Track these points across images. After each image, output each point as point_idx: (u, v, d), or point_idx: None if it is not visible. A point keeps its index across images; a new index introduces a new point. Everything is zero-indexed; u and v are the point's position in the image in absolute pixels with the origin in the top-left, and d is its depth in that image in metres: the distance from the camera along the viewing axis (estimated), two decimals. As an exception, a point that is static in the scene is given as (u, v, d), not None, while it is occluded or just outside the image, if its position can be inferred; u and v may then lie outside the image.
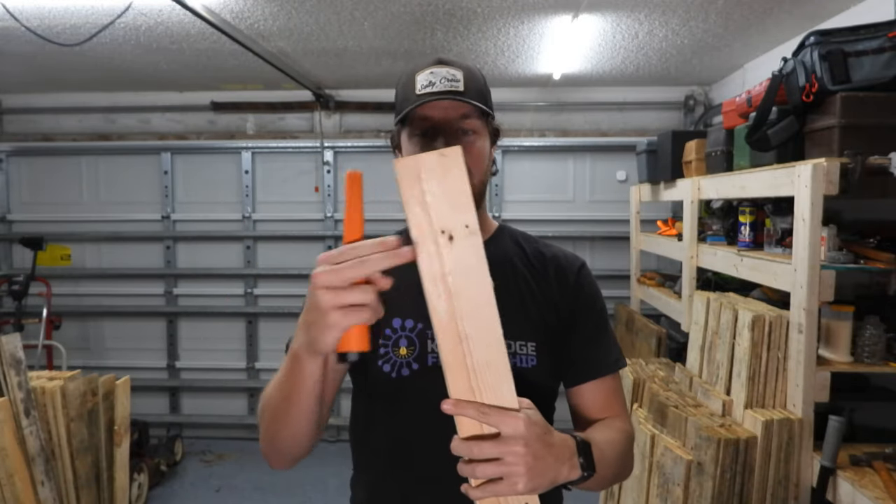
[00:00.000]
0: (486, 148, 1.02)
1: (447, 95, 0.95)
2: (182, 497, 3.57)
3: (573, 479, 0.78)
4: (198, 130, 4.41)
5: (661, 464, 1.92)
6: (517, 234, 1.14)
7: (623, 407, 1.07)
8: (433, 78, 0.97)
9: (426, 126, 0.97)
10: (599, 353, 1.05)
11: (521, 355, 1.00)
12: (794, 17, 2.67)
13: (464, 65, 1.01)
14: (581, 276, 1.09)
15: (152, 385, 4.43)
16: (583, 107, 4.26)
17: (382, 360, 1.01)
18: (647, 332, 3.13)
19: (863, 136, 1.68)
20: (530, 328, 1.01)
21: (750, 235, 2.24)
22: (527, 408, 0.72)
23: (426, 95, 0.96)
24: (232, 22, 2.70)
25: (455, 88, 0.96)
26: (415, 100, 0.96)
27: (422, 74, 0.98)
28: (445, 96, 0.95)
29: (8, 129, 4.50)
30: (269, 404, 0.89)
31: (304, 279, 4.30)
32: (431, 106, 0.96)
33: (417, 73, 0.99)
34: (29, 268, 3.92)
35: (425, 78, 0.97)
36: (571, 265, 1.10)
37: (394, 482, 1.01)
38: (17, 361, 2.10)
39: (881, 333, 1.75)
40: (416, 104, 0.95)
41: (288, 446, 0.90)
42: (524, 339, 1.01)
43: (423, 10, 2.60)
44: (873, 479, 1.56)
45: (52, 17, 2.64)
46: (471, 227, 0.67)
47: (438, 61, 0.99)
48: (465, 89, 0.97)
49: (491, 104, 1.04)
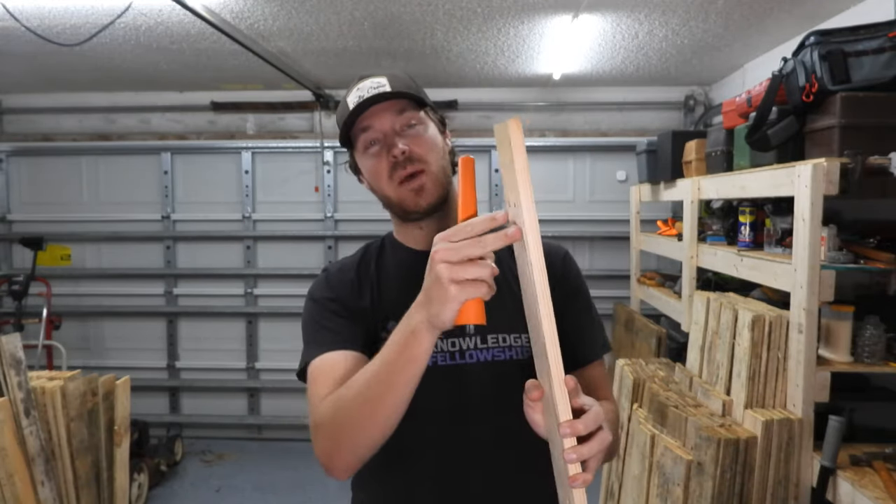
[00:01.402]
0: (434, 135, 1.04)
1: (376, 99, 0.98)
2: (182, 497, 3.57)
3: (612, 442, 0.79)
4: (198, 130, 4.41)
5: (661, 464, 1.92)
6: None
7: (610, 390, 1.10)
8: (360, 92, 1.00)
9: (372, 136, 1.01)
10: (587, 340, 1.07)
11: (515, 347, 1.01)
12: (794, 17, 2.67)
13: (387, 72, 1.04)
14: (566, 264, 1.11)
15: (152, 385, 4.43)
16: (583, 107, 4.26)
17: None
18: (647, 332, 3.13)
19: (863, 136, 1.68)
20: (522, 320, 1.01)
21: (750, 235, 2.24)
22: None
23: (358, 108, 0.99)
24: (232, 22, 2.70)
25: (382, 90, 0.99)
26: (350, 117, 1.00)
27: (350, 94, 1.02)
28: (374, 101, 0.98)
29: (8, 129, 4.50)
30: (354, 399, 0.84)
31: (304, 279, 4.31)
32: (367, 116, 1.00)
33: (347, 96, 1.03)
34: (29, 268, 3.92)
35: (354, 95, 1.01)
36: (556, 254, 1.12)
37: (395, 482, 1.02)
38: (17, 361, 2.10)
39: (881, 333, 1.75)
40: (350, 118, 0.99)
41: (370, 441, 0.86)
42: (518, 331, 1.02)
43: (423, 10, 2.60)
44: (873, 479, 1.56)
45: (52, 17, 2.64)
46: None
47: (360, 77, 1.03)
48: (391, 89, 0.99)
49: (426, 98, 1.06)
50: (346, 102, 1.02)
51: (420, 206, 1.01)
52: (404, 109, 1.00)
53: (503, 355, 1.01)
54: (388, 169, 1.00)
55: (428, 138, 1.02)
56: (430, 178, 1.00)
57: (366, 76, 1.03)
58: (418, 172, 0.99)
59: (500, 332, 1.02)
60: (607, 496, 2.46)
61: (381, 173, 1.01)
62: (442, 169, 1.03)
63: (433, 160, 1.01)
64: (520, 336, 1.02)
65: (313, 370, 0.98)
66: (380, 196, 1.06)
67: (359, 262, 1.11)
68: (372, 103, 0.98)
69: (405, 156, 0.98)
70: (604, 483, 2.49)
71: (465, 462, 1.01)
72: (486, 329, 1.01)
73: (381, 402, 0.81)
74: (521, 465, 1.01)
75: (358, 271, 1.10)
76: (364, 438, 0.85)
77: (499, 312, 0.87)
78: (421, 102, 1.03)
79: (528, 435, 0.99)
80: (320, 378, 0.95)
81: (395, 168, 0.99)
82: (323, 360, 0.97)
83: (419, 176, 0.99)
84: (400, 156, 0.98)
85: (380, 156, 1.01)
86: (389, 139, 1.00)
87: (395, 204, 1.03)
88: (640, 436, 2.07)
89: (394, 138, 0.99)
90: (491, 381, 1.00)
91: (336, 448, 0.88)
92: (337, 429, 0.87)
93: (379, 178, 1.02)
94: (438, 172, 1.02)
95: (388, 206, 1.05)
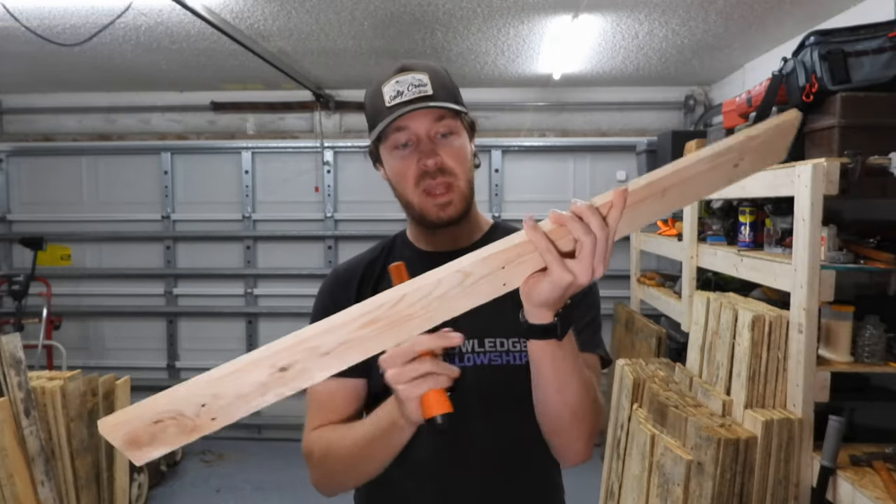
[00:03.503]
0: (466, 146, 1.02)
1: (417, 103, 0.95)
2: (182, 497, 3.57)
3: (545, 321, 0.78)
4: (198, 130, 4.41)
5: (661, 464, 1.92)
6: (510, 230, 1.13)
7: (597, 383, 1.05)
8: (400, 87, 0.96)
9: (405, 138, 0.97)
10: (589, 331, 1.03)
11: (514, 353, 1.00)
12: (794, 17, 2.67)
13: (427, 66, 1.00)
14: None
15: (152, 385, 4.41)
16: (583, 107, 4.26)
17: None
18: (647, 332, 3.13)
19: (863, 136, 1.68)
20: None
21: (750, 235, 2.24)
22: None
23: (396, 107, 0.95)
24: (232, 22, 2.70)
25: (424, 94, 0.96)
26: (386, 113, 0.96)
27: (388, 85, 0.98)
28: (416, 104, 0.95)
29: (8, 129, 4.50)
30: (343, 460, 0.97)
31: (303, 279, 4.32)
32: (404, 117, 0.96)
33: (383, 85, 0.98)
34: (29, 268, 3.92)
35: (392, 88, 0.97)
36: None
37: (394, 484, 1.01)
38: (17, 361, 2.10)
39: (881, 333, 1.75)
40: (389, 120, 0.95)
41: (358, 483, 1.03)
42: (517, 336, 1.01)
43: (423, 10, 2.60)
44: (873, 479, 1.56)
45: (52, 17, 2.64)
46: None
47: (402, 69, 0.99)
48: (433, 92, 0.97)
49: (460, 98, 1.04)
50: (382, 92, 0.98)
51: (442, 220, 0.99)
52: (443, 116, 0.97)
53: (500, 360, 1.00)
54: (416, 175, 0.97)
55: (460, 150, 0.99)
56: (457, 193, 0.98)
57: (407, 68, 0.98)
58: (447, 186, 0.97)
59: (497, 336, 1.01)
60: (607, 496, 2.45)
61: (408, 178, 0.98)
62: (468, 182, 1.01)
63: (462, 173, 0.99)
64: (518, 341, 1.01)
65: (310, 391, 1.03)
66: (400, 196, 1.03)
67: (370, 262, 1.10)
68: (412, 107, 0.95)
69: (437, 167, 0.96)
70: (604, 483, 2.49)
71: (463, 465, 1.01)
72: (483, 333, 1.00)
73: (365, 466, 0.95)
74: (518, 468, 1.01)
75: (366, 270, 1.09)
76: (351, 484, 1.03)
77: (497, 317, 0.86)
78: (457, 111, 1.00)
79: (525, 438, 1.00)
80: (314, 406, 1.05)
81: (424, 177, 0.97)
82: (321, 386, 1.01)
83: (447, 191, 0.97)
84: (432, 167, 0.96)
85: (409, 159, 0.97)
86: (423, 146, 0.96)
87: (415, 210, 1.00)
88: (640, 436, 2.07)
89: (428, 146, 0.96)
90: (487, 385, 0.99)
91: (327, 485, 1.04)
92: (328, 474, 1.02)
93: (404, 182, 0.99)
94: (465, 186, 1.00)
95: (407, 208, 1.02)
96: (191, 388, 0.63)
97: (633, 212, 0.71)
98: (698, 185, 0.74)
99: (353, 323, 0.66)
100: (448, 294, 0.68)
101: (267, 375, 0.65)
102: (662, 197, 0.71)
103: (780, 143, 0.79)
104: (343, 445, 0.96)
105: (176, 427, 0.64)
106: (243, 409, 0.66)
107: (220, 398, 0.64)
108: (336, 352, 0.66)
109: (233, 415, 0.66)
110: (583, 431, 0.94)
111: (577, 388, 0.88)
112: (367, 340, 0.67)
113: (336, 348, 0.66)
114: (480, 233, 1.09)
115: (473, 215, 1.07)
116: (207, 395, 0.64)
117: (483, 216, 1.13)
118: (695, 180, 0.72)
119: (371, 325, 0.67)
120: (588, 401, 0.91)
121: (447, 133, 0.98)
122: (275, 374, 0.65)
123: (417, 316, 0.68)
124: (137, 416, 0.62)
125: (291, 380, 0.66)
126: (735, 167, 0.75)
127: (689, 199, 0.78)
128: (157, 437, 0.63)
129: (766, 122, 0.75)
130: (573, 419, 0.91)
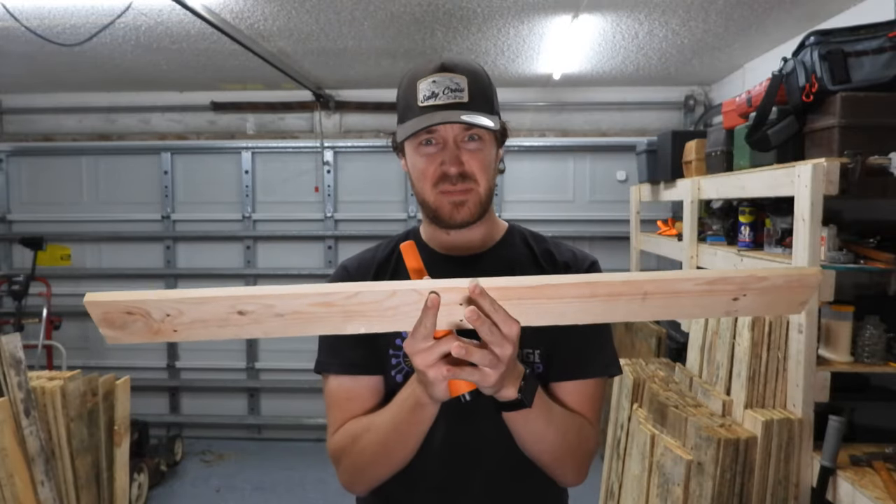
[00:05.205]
0: (492, 154, 1.01)
1: (450, 109, 0.94)
2: (182, 497, 3.57)
3: (509, 398, 0.83)
4: (198, 130, 4.41)
5: (661, 464, 1.92)
6: (527, 235, 1.13)
7: (596, 414, 1.04)
8: (436, 88, 0.94)
9: (431, 138, 0.97)
10: (590, 355, 1.02)
11: (526, 363, 0.99)
12: (794, 17, 2.67)
13: (468, 67, 0.98)
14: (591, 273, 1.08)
15: (152, 385, 4.43)
16: (583, 107, 4.26)
17: (395, 370, 1.02)
18: (647, 332, 3.13)
19: (863, 136, 1.68)
20: (535, 335, 0.99)
21: (750, 235, 2.24)
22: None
23: (428, 109, 0.94)
24: (232, 22, 2.70)
25: (459, 100, 0.94)
26: (418, 112, 0.95)
27: (424, 83, 0.96)
28: (449, 111, 0.93)
29: (8, 129, 4.50)
30: (371, 450, 0.96)
31: (304, 279, 4.31)
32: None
33: (420, 81, 0.96)
34: (29, 268, 3.92)
35: (427, 87, 0.95)
36: (580, 265, 1.09)
37: (398, 483, 1.01)
38: (17, 361, 2.09)
39: (881, 333, 1.75)
40: (418, 128, 0.94)
41: (390, 473, 0.98)
42: (530, 346, 1.00)
43: (423, 10, 2.60)
44: (873, 479, 1.56)
45: (52, 17, 2.64)
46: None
47: (441, 67, 0.96)
48: (469, 98, 0.95)
49: (496, 105, 1.02)
50: (417, 89, 0.96)
51: (455, 221, 0.99)
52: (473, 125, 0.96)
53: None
54: (436, 176, 0.97)
55: (485, 157, 0.98)
56: (474, 197, 0.98)
57: (448, 68, 0.96)
58: (465, 191, 0.97)
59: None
60: (607, 496, 2.45)
61: (428, 178, 0.98)
62: (488, 190, 1.00)
63: (483, 181, 0.98)
64: (532, 352, 1.01)
65: (329, 392, 1.04)
66: (417, 192, 1.03)
67: (382, 261, 1.09)
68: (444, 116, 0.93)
69: (458, 173, 0.96)
70: (604, 483, 2.49)
71: (467, 463, 1.01)
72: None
73: (395, 451, 0.94)
74: (522, 468, 1.01)
75: (378, 269, 1.08)
76: (384, 473, 0.99)
77: None
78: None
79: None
80: (334, 406, 1.04)
81: (444, 180, 0.97)
82: (339, 385, 1.03)
83: (464, 194, 0.97)
84: (454, 173, 0.96)
85: (432, 159, 0.97)
86: (449, 151, 0.96)
87: (430, 208, 1.00)
88: (640, 436, 2.07)
89: (454, 151, 0.96)
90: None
91: (359, 481, 1.02)
92: (358, 470, 1.00)
93: (423, 181, 0.99)
94: (484, 193, 0.99)
95: (423, 205, 1.02)
96: (160, 297, 0.68)
97: (606, 304, 0.71)
98: (689, 304, 0.73)
99: (310, 298, 0.69)
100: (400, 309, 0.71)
101: (226, 312, 0.69)
102: (643, 301, 0.71)
103: (794, 297, 0.73)
104: (369, 434, 0.96)
105: (143, 324, 0.70)
106: (202, 333, 0.71)
107: (182, 315, 0.69)
108: (287, 317, 0.70)
109: (192, 335, 0.71)
110: (568, 466, 0.99)
111: (553, 438, 0.93)
112: (315, 320, 0.70)
113: (288, 314, 0.70)
114: (498, 237, 1.09)
115: (489, 220, 1.07)
116: (173, 309, 0.69)
117: (500, 220, 1.12)
118: (683, 298, 0.72)
119: (325, 307, 0.70)
120: (568, 444, 0.95)
121: (475, 138, 0.97)
122: (233, 315, 0.69)
123: (369, 315, 0.71)
124: (116, 301, 0.68)
125: (246, 324, 0.70)
126: (734, 300, 0.72)
127: (675, 314, 0.76)
128: (128, 326, 0.70)
129: (778, 269, 0.73)
130: (554, 462, 0.97)
